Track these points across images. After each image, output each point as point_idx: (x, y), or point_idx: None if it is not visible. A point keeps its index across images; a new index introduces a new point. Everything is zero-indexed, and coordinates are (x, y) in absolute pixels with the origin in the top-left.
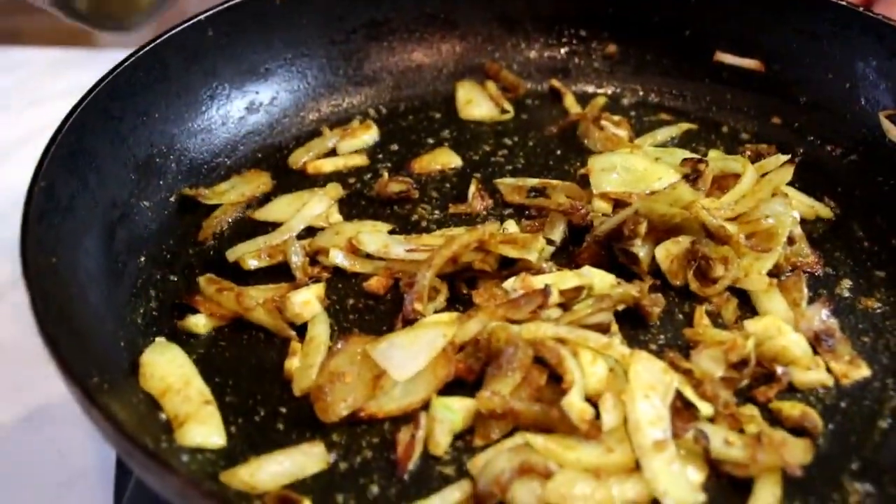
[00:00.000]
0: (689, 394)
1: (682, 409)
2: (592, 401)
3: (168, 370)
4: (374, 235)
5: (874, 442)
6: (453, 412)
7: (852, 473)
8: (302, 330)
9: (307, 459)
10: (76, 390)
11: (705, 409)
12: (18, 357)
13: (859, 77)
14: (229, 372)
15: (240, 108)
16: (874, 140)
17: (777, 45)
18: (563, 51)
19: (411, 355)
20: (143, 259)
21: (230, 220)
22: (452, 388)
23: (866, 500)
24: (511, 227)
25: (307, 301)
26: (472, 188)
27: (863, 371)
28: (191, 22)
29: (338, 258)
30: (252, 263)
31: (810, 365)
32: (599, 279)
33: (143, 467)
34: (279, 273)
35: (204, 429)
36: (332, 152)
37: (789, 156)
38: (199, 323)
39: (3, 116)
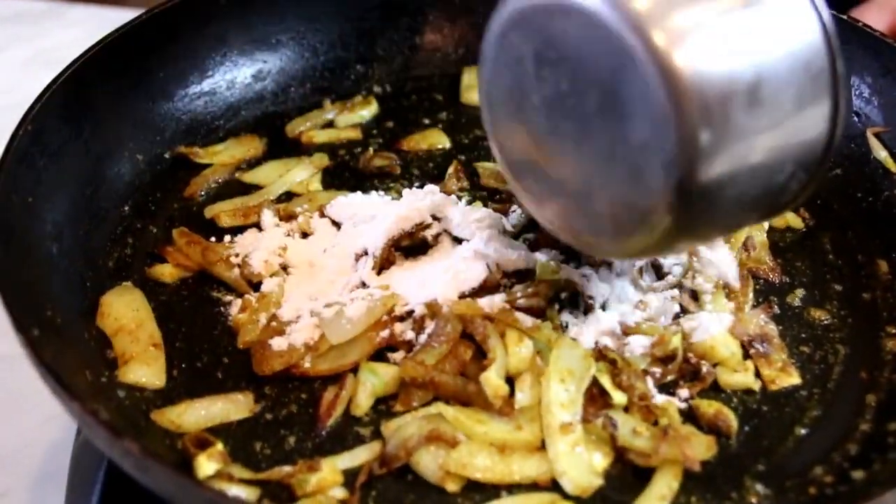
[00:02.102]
0: (606, 382)
1: (597, 396)
2: (514, 379)
3: (124, 312)
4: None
5: (787, 448)
6: (378, 376)
7: (757, 475)
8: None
9: (233, 407)
10: (8, 315)
11: (618, 397)
12: None
13: (854, 92)
14: (184, 320)
15: (246, 76)
16: (860, 156)
17: None
18: None
19: (349, 321)
20: (127, 208)
21: (219, 180)
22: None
23: (762, 502)
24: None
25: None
26: (451, 168)
27: (792, 379)
28: None
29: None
30: (227, 221)
31: (738, 367)
32: (542, 265)
33: (54, 391)
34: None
35: (146, 369)
36: (330, 124)
37: None
38: (165, 272)
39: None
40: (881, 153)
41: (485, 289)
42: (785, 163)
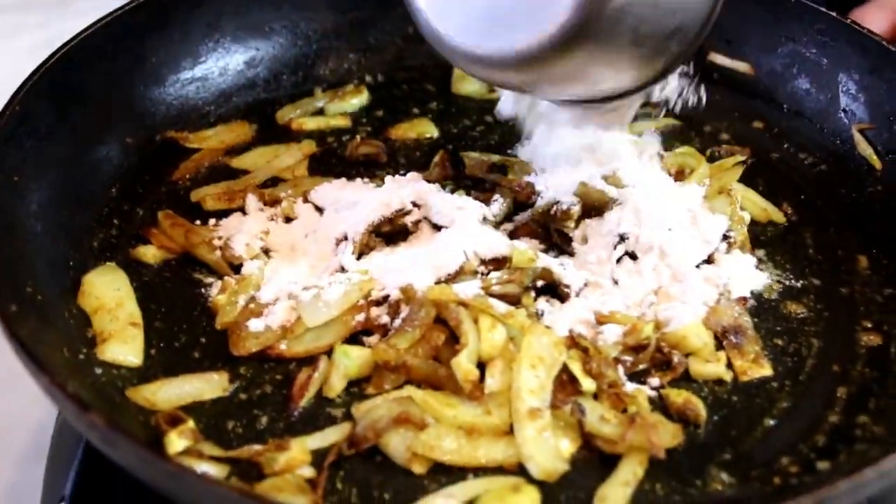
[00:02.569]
0: (576, 369)
1: (567, 383)
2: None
3: (105, 291)
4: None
5: (754, 438)
6: (351, 359)
7: (722, 464)
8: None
9: (207, 386)
10: None
11: (588, 384)
12: None
13: (841, 88)
14: (165, 301)
15: (239, 62)
16: (845, 153)
17: (768, 50)
18: None
19: (325, 304)
20: (114, 190)
21: (207, 165)
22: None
23: (726, 491)
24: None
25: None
26: (437, 157)
27: (764, 370)
28: None
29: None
30: (213, 205)
31: (709, 357)
32: (519, 253)
33: (25, 365)
34: None
35: (123, 347)
36: (320, 112)
37: (743, 157)
38: (148, 253)
39: None
40: (866, 150)
41: (461, 275)
42: (675, 16)
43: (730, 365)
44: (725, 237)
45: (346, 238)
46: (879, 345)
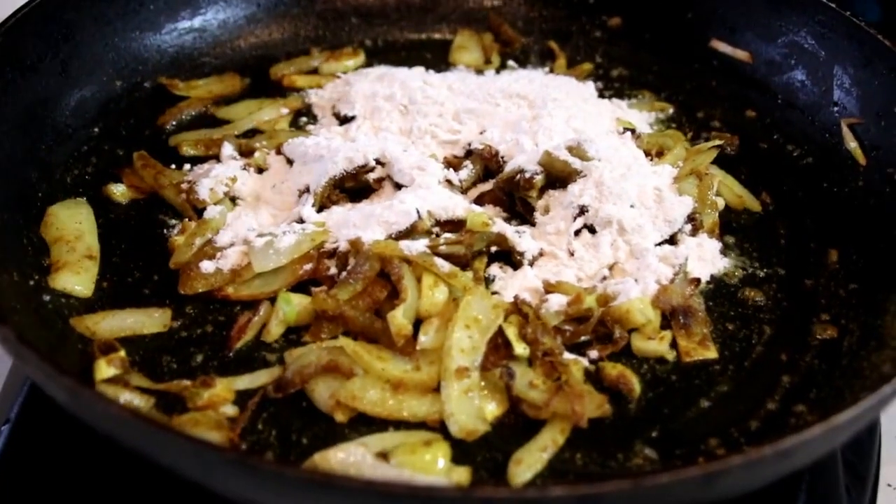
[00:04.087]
0: (511, 334)
1: (501, 347)
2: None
3: (67, 223)
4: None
5: (686, 418)
6: (291, 306)
7: (649, 440)
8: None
9: (148, 320)
10: None
11: (520, 349)
12: None
13: (836, 82)
14: (127, 238)
15: (239, 17)
16: (832, 147)
17: (768, 39)
18: (568, 15)
19: (276, 251)
20: (97, 130)
21: (193, 113)
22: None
23: (645, 465)
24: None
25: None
26: None
27: (709, 353)
28: None
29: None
30: (189, 151)
31: (652, 335)
32: (474, 216)
33: None
34: None
35: (74, 278)
36: (314, 71)
37: (720, 142)
38: (117, 191)
39: None
40: (851, 144)
41: (414, 233)
42: None
43: (675, 345)
44: (692, 219)
45: (307, 190)
46: (833, 338)
